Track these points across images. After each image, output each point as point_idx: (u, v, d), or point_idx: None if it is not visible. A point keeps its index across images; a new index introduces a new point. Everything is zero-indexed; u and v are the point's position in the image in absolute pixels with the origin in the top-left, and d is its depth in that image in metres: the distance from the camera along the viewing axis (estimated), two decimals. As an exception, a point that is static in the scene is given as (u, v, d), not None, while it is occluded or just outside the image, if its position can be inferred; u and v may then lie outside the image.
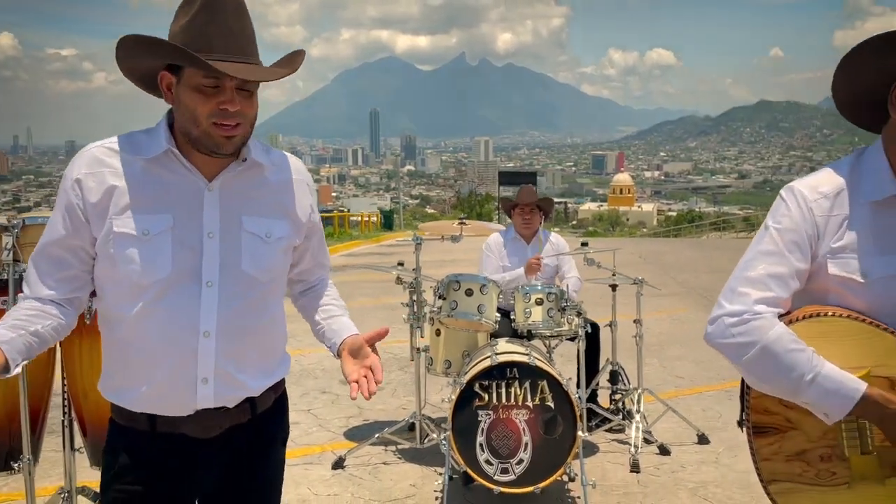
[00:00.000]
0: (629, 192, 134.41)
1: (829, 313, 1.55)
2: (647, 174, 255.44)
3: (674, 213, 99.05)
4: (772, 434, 1.56)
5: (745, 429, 1.61)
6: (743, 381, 1.63)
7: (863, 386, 1.46)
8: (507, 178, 37.24)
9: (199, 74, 1.54)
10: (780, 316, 1.57)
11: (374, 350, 1.78)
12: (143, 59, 1.59)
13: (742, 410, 1.64)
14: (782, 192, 1.66)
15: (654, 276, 4.99)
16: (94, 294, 1.71)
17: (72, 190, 1.60)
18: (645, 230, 72.26)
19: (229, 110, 1.54)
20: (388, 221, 30.99)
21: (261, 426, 1.75)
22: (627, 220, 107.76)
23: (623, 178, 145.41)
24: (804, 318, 1.55)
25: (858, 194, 1.59)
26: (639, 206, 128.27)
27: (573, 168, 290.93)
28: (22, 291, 1.61)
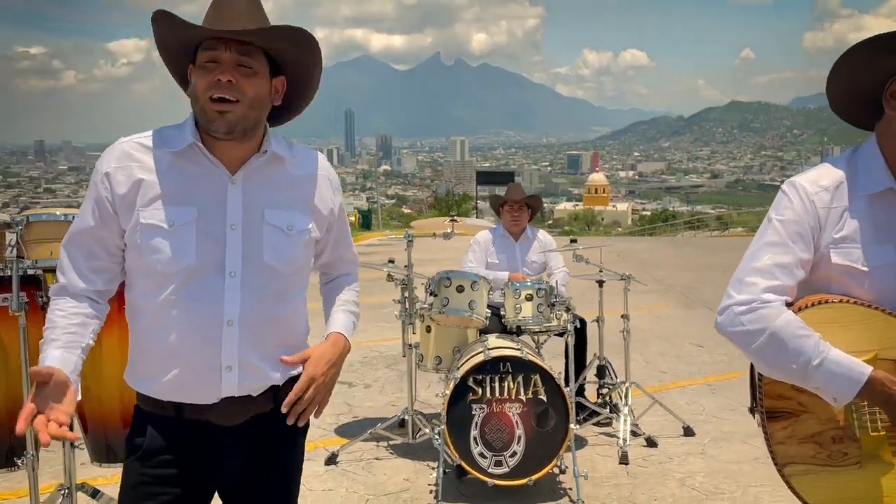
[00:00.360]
0: (604, 192, 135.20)
1: (836, 300, 1.63)
2: (622, 174, 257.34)
3: (648, 213, 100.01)
4: (785, 418, 1.63)
5: (757, 415, 1.68)
6: (752, 369, 1.70)
7: (868, 369, 1.54)
8: (484, 177, 37.37)
9: (203, 53, 1.61)
10: (787, 305, 1.64)
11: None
12: (165, 34, 1.65)
13: (753, 397, 1.71)
14: (784, 186, 1.74)
15: (632, 274, 5.09)
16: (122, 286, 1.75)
17: (101, 183, 1.66)
18: (620, 229, 72.87)
19: (221, 81, 1.59)
20: (366, 221, 30.97)
21: (284, 415, 1.79)
22: (602, 219, 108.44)
23: (598, 177, 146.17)
24: (812, 305, 1.62)
25: (856, 187, 1.67)
26: (613, 206, 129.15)
27: (549, 168, 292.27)
28: (31, 288, 1.63)
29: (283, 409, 1.70)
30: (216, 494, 1.83)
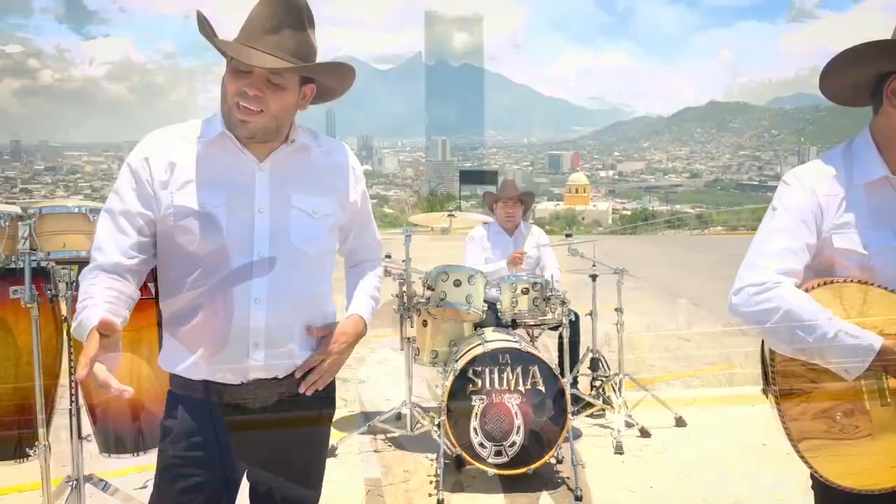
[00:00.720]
0: (585, 192, 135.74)
1: (841, 280, 1.72)
2: (602, 173, 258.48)
3: (628, 212, 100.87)
4: (797, 396, 1.71)
5: (769, 395, 1.76)
6: (763, 351, 1.78)
7: (879, 338, 1.63)
8: (468, 177, 37.54)
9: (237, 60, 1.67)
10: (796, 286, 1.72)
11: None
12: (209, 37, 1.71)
13: (765, 379, 1.79)
14: (785, 177, 1.85)
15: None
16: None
17: (142, 168, 1.73)
18: (601, 229, 73.32)
19: (248, 93, 1.67)
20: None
21: (308, 400, 1.84)
22: (583, 219, 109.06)
23: (578, 177, 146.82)
24: (819, 285, 1.71)
25: (852, 177, 1.78)
26: (594, 206, 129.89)
27: (530, 168, 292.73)
28: (40, 280, 1.65)
29: (297, 375, 1.80)
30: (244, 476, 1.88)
